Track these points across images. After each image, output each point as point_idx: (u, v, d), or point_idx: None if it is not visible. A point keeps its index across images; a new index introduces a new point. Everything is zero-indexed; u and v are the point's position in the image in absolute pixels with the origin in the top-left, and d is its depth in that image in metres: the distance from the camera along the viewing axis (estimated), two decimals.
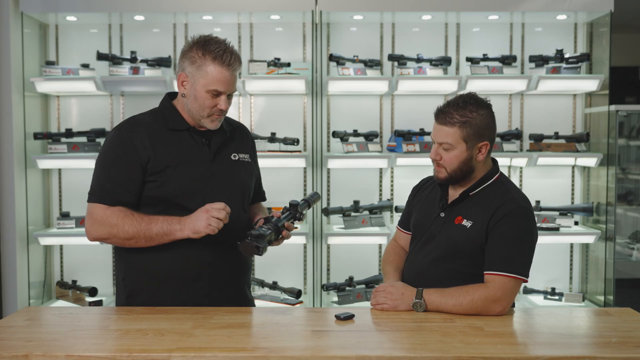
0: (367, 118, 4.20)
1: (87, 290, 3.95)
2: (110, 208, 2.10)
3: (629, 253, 4.40)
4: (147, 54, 4.06)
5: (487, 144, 2.15)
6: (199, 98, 2.12)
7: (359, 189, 4.16)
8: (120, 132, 2.16)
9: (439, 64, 4.02)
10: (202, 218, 2.02)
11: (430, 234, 2.21)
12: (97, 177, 2.16)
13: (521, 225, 2.10)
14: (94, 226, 2.12)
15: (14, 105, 3.83)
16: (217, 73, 2.09)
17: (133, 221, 2.07)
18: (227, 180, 2.20)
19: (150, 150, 2.12)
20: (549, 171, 4.27)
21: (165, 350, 1.68)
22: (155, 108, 2.28)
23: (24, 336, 1.82)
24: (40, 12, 3.91)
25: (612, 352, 1.70)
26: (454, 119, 2.10)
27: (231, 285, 2.24)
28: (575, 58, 3.97)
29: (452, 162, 2.13)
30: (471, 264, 2.13)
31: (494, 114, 2.18)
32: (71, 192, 4.21)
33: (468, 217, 2.15)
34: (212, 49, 2.09)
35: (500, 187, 2.18)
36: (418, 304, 2.05)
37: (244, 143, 2.33)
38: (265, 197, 2.48)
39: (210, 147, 2.20)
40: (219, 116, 2.16)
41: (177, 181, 2.13)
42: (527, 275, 2.09)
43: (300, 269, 4.21)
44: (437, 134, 2.15)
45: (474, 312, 2.03)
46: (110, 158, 2.14)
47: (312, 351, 1.68)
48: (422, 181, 2.43)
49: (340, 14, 4.01)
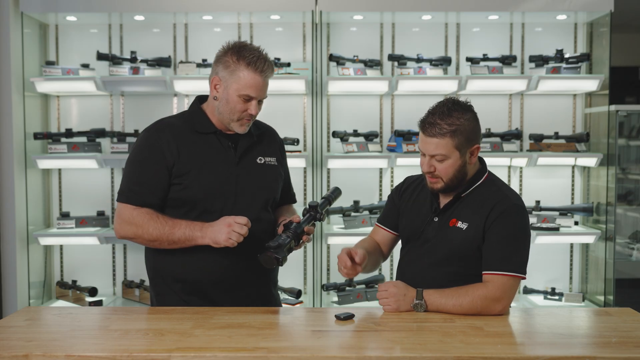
0: (367, 118, 4.20)
1: (87, 290, 3.96)
2: (137, 209, 2.15)
3: (629, 253, 4.40)
4: (147, 54, 4.06)
5: (478, 146, 2.14)
6: (230, 102, 2.16)
7: (359, 189, 4.16)
8: (148, 135, 2.21)
9: (439, 64, 4.02)
10: (224, 231, 2.05)
11: (425, 238, 2.20)
12: (125, 178, 2.21)
13: (517, 224, 2.11)
14: (122, 225, 2.17)
15: (14, 105, 3.83)
16: (249, 78, 2.14)
17: (157, 224, 2.12)
18: (251, 183, 2.23)
19: (176, 153, 2.17)
20: (549, 171, 4.27)
21: (165, 350, 1.68)
22: (185, 111, 2.33)
23: (24, 336, 1.82)
24: (40, 12, 3.91)
25: (612, 352, 1.70)
26: (443, 129, 2.06)
27: (255, 286, 2.26)
28: (575, 58, 3.97)
29: (448, 171, 2.10)
30: (469, 266, 2.13)
31: (477, 114, 2.16)
32: (71, 192, 4.21)
33: (463, 219, 2.14)
34: (247, 54, 2.15)
35: (491, 186, 2.18)
36: (419, 304, 2.05)
37: (271, 146, 2.36)
38: (295, 199, 2.50)
39: (237, 150, 2.23)
40: (248, 120, 2.20)
41: (202, 184, 2.16)
42: (525, 273, 2.10)
43: (300, 269, 4.21)
44: (427, 147, 2.10)
45: (475, 311, 2.03)
46: (137, 160, 2.20)
47: (312, 351, 1.68)
48: (406, 181, 2.38)
49: (340, 14, 4.01)
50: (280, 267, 2.07)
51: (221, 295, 2.20)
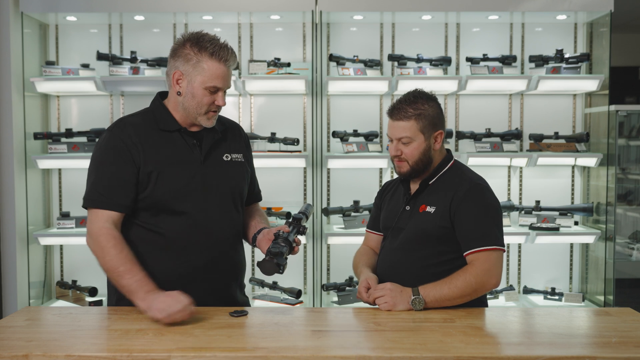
0: (367, 118, 4.20)
1: (87, 290, 3.96)
2: (108, 226, 2.05)
3: (629, 253, 4.40)
4: (147, 54, 4.06)
5: (442, 132, 2.29)
6: (196, 95, 2.09)
7: (359, 189, 4.16)
8: (111, 135, 2.13)
9: (439, 64, 4.02)
10: (163, 317, 1.89)
11: (399, 227, 2.29)
12: (91, 183, 2.12)
13: (482, 200, 2.21)
14: (88, 238, 2.09)
15: (14, 105, 3.83)
16: (215, 69, 2.07)
17: (115, 259, 2.01)
18: (218, 182, 2.17)
19: (142, 153, 2.10)
20: (549, 171, 4.27)
21: (165, 350, 1.68)
22: (146, 108, 2.24)
23: (24, 336, 1.82)
24: (40, 12, 3.91)
25: (612, 352, 1.70)
26: (408, 113, 2.23)
27: (224, 289, 2.23)
28: (575, 58, 3.97)
29: (413, 154, 2.24)
30: (441, 250, 2.21)
31: (441, 105, 2.32)
32: (71, 192, 4.21)
33: (431, 203, 2.25)
34: (207, 45, 2.07)
35: (456, 171, 2.31)
36: (417, 299, 2.08)
37: (237, 142, 2.29)
38: (260, 197, 2.45)
39: (202, 149, 2.17)
40: (215, 113, 2.14)
41: (167, 184, 2.10)
42: (503, 245, 2.18)
43: (300, 269, 4.21)
44: (394, 131, 2.27)
45: (471, 290, 2.09)
46: (103, 161, 2.11)
47: (312, 351, 1.68)
48: (386, 184, 2.53)
49: (340, 14, 4.01)
50: (280, 274, 2.06)
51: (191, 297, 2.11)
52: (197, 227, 2.13)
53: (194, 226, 2.13)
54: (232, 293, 2.26)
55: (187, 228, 2.13)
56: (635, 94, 7.18)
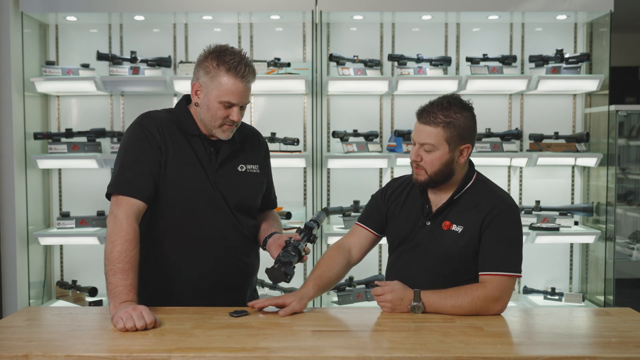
0: (367, 118, 4.20)
1: (87, 290, 3.96)
2: (134, 219, 2.04)
3: (629, 253, 4.40)
4: (147, 54, 4.06)
5: (469, 146, 2.12)
6: (211, 108, 2.10)
7: (359, 189, 4.16)
8: (140, 125, 2.14)
9: (439, 64, 4.02)
10: (119, 328, 1.84)
11: (417, 243, 2.17)
12: (119, 169, 2.11)
13: (512, 225, 2.11)
14: (112, 219, 2.06)
15: (14, 105, 3.83)
16: (230, 85, 2.07)
17: (122, 254, 1.98)
18: (229, 191, 2.18)
19: (164, 147, 2.12)
20: (549, 171, 4.27)
21: (165, 350, 1.68)
22: (172, 108, 2.25)
23: (24, 336, 1.82)
24: (40, 12, 3.91)
25: (612, 352, 1.70)
26: (437, 119, 2.07)
27: (234, 292, 2.25)
28: (575, 58, 3.97)
29: (434, 163, 2.09)
30: (463, 269, 2.12)
31: (476, 117, 2.15)
32: (71, 192, 4.21)
33: (457, 222, 2.12)
34: (227, 59, 2.07)
35: (481, 186, 2.17)
36: (416, 306, 2.04)
37: (255, 153, 2.29)
38: (275, 204, 2.44)
39: (217, 157, 2.18)
40: (230, 127, 2.14)
41: (178, 183, 2.12)
42: (520, 271, 2.10)
43: (301, 269, 4.21)
44: (419, 134, 2.11)
45: (474, 312, 2.03)
46: (132, 147, 2.11)
47: (312, 351, 1.68)
48: (391, 184, 2.34)
49: (340, 14, 4.01)
50: (287, 283, 2.08)
51: (200, 302, 2.15)
52: (203, 229, 2.15)
53: (200, 228, 2.15)
54: (242, 296, 2.28)
55: (194, 229, 2.15)
56: (635, 94, 7.18)
